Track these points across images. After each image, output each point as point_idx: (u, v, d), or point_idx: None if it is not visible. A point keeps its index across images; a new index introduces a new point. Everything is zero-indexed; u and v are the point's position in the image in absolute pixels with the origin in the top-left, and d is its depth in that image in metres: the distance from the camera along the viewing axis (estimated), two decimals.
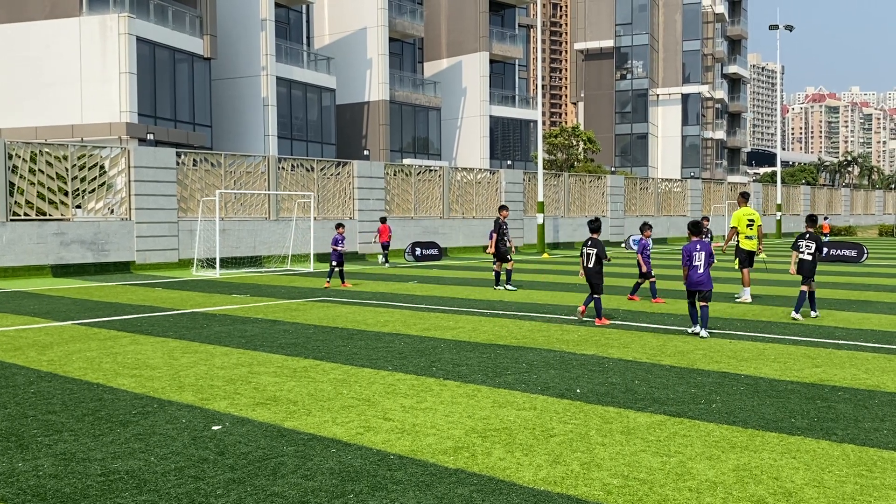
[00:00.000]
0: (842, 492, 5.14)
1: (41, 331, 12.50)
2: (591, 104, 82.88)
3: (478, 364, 9.50)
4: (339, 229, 20.21)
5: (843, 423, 6.81)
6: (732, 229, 16.90)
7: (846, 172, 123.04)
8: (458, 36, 57.18)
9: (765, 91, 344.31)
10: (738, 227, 16.66)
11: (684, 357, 9.93)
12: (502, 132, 59.49)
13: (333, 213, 32.04)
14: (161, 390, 8.14)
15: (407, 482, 5.33)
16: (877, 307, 15.29)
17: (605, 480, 5.36)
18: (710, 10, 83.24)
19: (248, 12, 41.98)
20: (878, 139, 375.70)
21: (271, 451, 6.02)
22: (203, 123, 39.33)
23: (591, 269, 13.22)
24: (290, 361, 9.70)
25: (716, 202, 55.07)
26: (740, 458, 5.83)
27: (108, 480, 5.39)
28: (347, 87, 49.99)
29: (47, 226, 23.96)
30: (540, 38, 40.55)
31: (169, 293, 18.50)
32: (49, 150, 24.75)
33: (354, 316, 14.16)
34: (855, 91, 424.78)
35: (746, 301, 16.06)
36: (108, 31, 33.92)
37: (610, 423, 6.79)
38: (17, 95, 35.01)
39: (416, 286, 20.16)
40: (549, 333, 11.94)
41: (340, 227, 20.27)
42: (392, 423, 6.81)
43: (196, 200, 27.58)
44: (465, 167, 41.98)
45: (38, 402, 7.68)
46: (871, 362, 9.56)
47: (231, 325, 12.95)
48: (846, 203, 74.03)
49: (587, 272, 13.30)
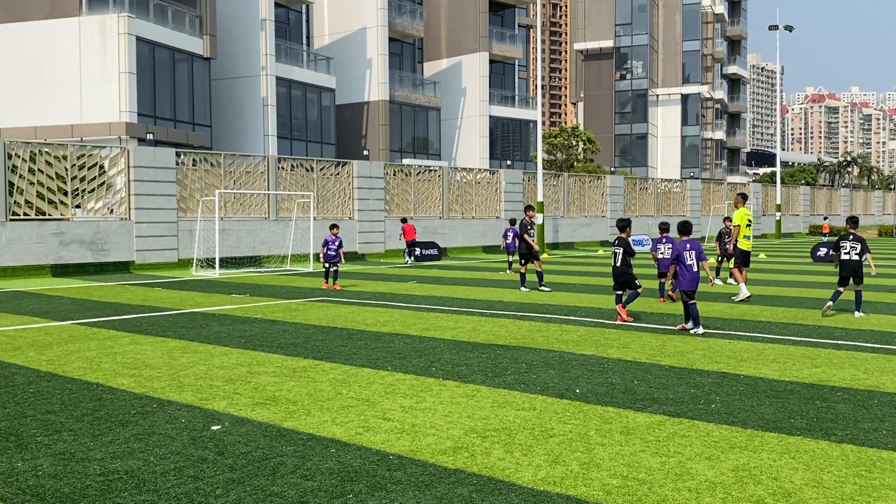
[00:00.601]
0: (841, 492, 5.14)
1: (40, 330, 12.50)
2: (590, 104, 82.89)
3: (477, 364, 9.50)
4: (333, 230, 19.72)
5: (843, 423, 6.82)
6: (737, 228, 16.90)
7: (846, 173, 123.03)
8: (457, 36, 57.18)
9: (764, 91, 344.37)
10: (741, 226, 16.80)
11: (684, 357, 9.93)
12: (502, 132, 59.49)
13: (333, 214, 32.04)
14: (160, 390, 8.14)
15: (406, 482, 5.33)
16: (876, 307, 15.29)
17: (604, 481, 5.36)
18: (710, 11, 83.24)
19: (247, 12, 41.98)
20: (878, 139, 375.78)
21: (271, 451, 6.02)
22: (203, 123, 39.33)
23: (618, 267, 13.28)
24: (289, 361, 9.70)
25: (715, 202, 55.08)
26: (739, 459, 5.83)
27: (108, 480, 5.39)
28: (347, 87, 49.99)
29: (47, 225, 23.95)
30: (540, 39, 40.58)
31: (168, 293, 18.50)
32: (48, 149, 24.74)
33: (354, 316, 14.15)
34: (854, 91, 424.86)
35: (746, 296, 16.11)
36: (108, 31, 33.92)
37: (609, 424, 6.79)
38: (17, 95, 35.01)
39: (416, 286, 20.16)
40: (549, 333, 11.94)
41: (335, 228, 19.82)
42: (391, 424, 6.81)
43: (195, 200, 27.58)
44: (464, 167, 41.99)
45: (38, 401, 7.68)
46: (870, 363, 9.56)
47: (230, 325, 12.95)
48: (846, 203, 74.05)
49: (614, 271, 13.39)
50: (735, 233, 17.00)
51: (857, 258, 13.86)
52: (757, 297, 16.73)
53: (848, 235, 14.17)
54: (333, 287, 19.22)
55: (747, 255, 16.84)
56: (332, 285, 19.39)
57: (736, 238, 16.97)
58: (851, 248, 13.91)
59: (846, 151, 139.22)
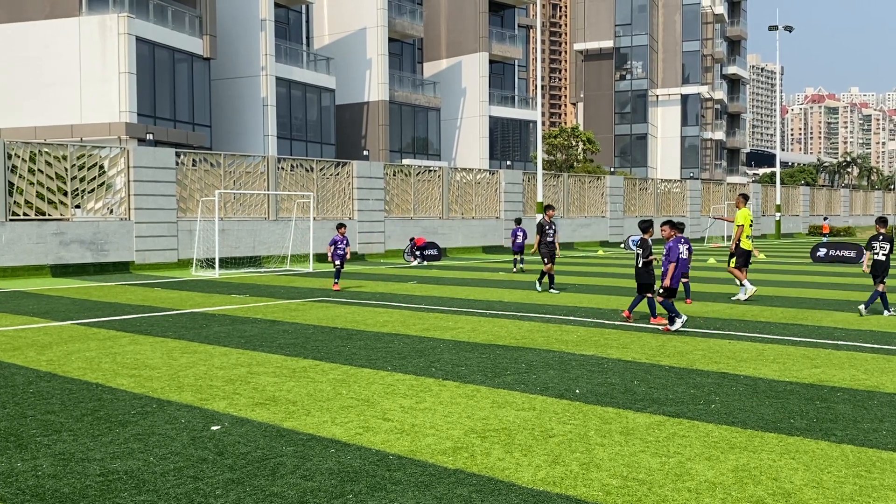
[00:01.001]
0: (841, 492, 5.14)
1: (40, 331, 12.50)
2: (590, 105, 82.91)
3: (477, 364, 9.50)
4: (341, 230, 19.53)
5: (843, 423, 6.82)
6: (740, 228, 16.84)
7: (845, 173, 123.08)
8: (457, 36, 57.19)
9: (764, 92, 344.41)
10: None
11: (683, 357, 9.93)
12: (502, 132, 59.50)
13: (333, 214, 32.04)
14: (160, 390, 8.14)
15: (406, 482, 5.33)
16: (875, 307, 15.28)
17: (604, 481, 5.36)
18: (710, 11, 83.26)
19: (247, 12, 41.99)
20: (878, 140, 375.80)
21: (270, 452, 6.02)
22: (202, 123, 39.33)
23: (639, 269, 13.23)
24: (289, 362, 9.70)
25: (715, 203, 55.09)
26: (739, 459, 5.83)
27: (107, 481, 5.39)
28: (347, 88, 49.99)
29: (46, 226, 23.95)
30: (539, 39, 40.58)
31: (168, 293, 18.50)
32: (48, 149, 24.74)
33: (354, 316, 14.15)
34: (854, 92, 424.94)
35: (753, 291, 16.20)
36: (108, 31, 33.92)
37: (609, 424, 6.79)
38: (17, 95, 35.01)
39: (416, 286, 20.16)
40: (549, 334, 11.94)
41: (342, 228, 19.59)
42: (391, 424, 6.81)
43: (195, 200, 27.58)
44: (464, 167, 41.98)
45: (37, 401, 7.68)
46: (870, 363, 9.56)
47: (230, 326, 12.94)
48: (845, 204, 74.07)
49: (636, 272, 13.32)
50: (738, 233, 16.97)
51: (884, 258, 14.22)
52: (757, 298, 16.73)
53: (878, 236, 14.50)
54: (334, 288, 19.06)
55: (748, 255, 16.84)
56: (334, 285, 19.33)
57: (738, 238, 16.95)
58: (881, 249, 14.27)
59: (846, 152, 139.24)
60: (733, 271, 16.77)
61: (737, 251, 16.77)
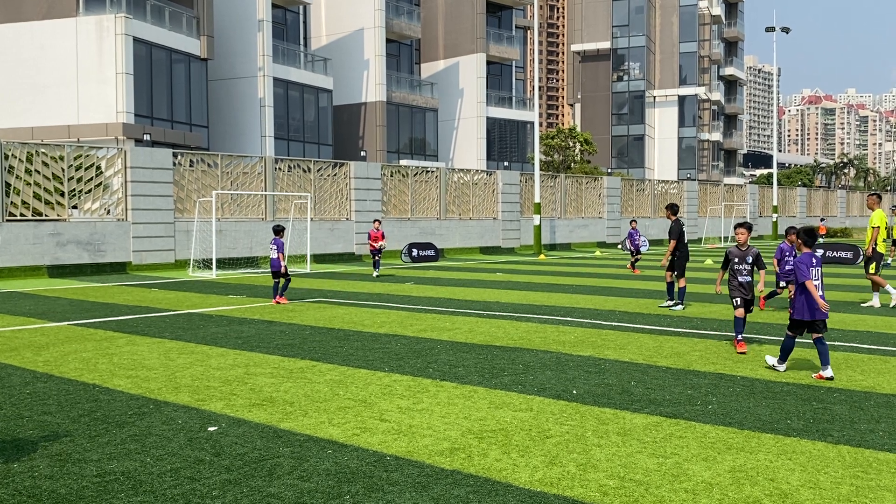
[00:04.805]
0: (837, 493, 5.15)
1: (37, 331, 12.48)
2: (587, 106, 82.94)
3: (474, 365, 9.49)
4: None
5: (839, 424, 6.83)
6: (876, 229, 15.51)
7: (842, 174, 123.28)
8: (455, 37, 57.20)
9: (761, 93, 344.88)
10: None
11: (681, 358, 9.93)
12: (499, 133, 59.50)
13: (330, 214, 32.03)
14: (157, 391, 8.13)
15: (403, 483, 5.33)
16: (872, 309, 15.31)
17: (601, 481, 5.36)
18: (707, 12, 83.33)
19: (244, 13, 41.96)
20: (874, 141, 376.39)
21: (267, 453, 6.02)
22: (200, 124, 39.30)
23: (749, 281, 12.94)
24: (286, 362, 9.69)
25: (712, 204, 55.13)
26: (736, 460, 5.84)
27: (104, 481, 5.38)
28: (344, 88, 49.98)
29: (43, 226, 23.92)
30: (537, 40, 40.59)
31: (165, 294, 18.48)
32: (45, 150, 24.71)
33: (351, 317, 14.15)
34: (851, 93, 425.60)
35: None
36: (105, 32, 33.88)
37: (606, 425, 6.80)
38: (14, 96, 34.96)
39: (413, 287, 20.16)
40: (546, 335, 11.94)
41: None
42: (388, 425, 6.81)
43: (192, 201, 27.56)
44: (461, 168, 41.98)
45: (34, 402, 7.67)
46: (866, 364, 9.58)
47: (227, 326, 12.93)
48: (842, 205, 74.17)
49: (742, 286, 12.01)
50: (873, 235, 15.58)
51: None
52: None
53: None
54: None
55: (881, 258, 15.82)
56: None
57: (875, 240, 15.59)
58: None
59: (843, 153, 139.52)
60: (874, 278, 15.48)
61: (874, 255, 15.48)
